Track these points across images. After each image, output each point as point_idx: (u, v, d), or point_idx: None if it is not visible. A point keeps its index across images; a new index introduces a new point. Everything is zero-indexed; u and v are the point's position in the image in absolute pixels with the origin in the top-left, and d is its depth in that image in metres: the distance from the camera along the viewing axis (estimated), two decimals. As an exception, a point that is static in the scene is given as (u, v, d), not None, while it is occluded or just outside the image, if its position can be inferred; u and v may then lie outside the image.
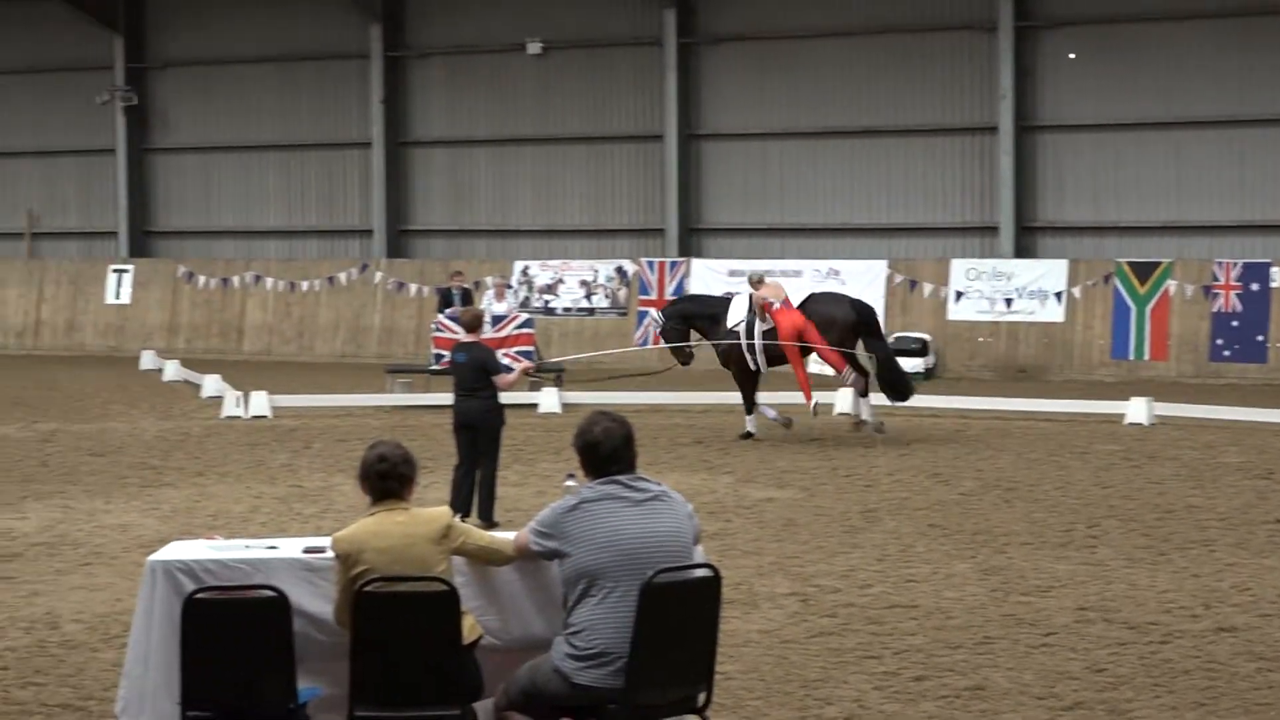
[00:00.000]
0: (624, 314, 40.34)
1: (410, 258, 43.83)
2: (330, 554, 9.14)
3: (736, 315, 26.39)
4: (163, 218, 47.33)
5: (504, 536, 9.38)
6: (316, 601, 9.32)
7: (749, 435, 25.93)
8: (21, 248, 48.62)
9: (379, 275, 42.20)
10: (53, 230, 48.52)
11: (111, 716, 10.30)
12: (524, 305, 39.67)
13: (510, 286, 39.72)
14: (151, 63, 46.87)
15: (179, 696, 9.00)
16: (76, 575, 15.87)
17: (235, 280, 44.31)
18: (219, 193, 46.55)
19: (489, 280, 36.20)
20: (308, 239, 45.38)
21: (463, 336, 18.96)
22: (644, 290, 40.15)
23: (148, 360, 40.02)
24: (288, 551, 9.67)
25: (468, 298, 33.51)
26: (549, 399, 29.87)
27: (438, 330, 30.93)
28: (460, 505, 17.95)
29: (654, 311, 28.29)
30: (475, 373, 18.20)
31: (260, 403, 29.27)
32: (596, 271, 40.89)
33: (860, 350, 25.89)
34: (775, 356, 26.10)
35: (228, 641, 8.90)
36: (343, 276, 42.89)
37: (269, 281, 43.86)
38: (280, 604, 8.88)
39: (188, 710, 8.94)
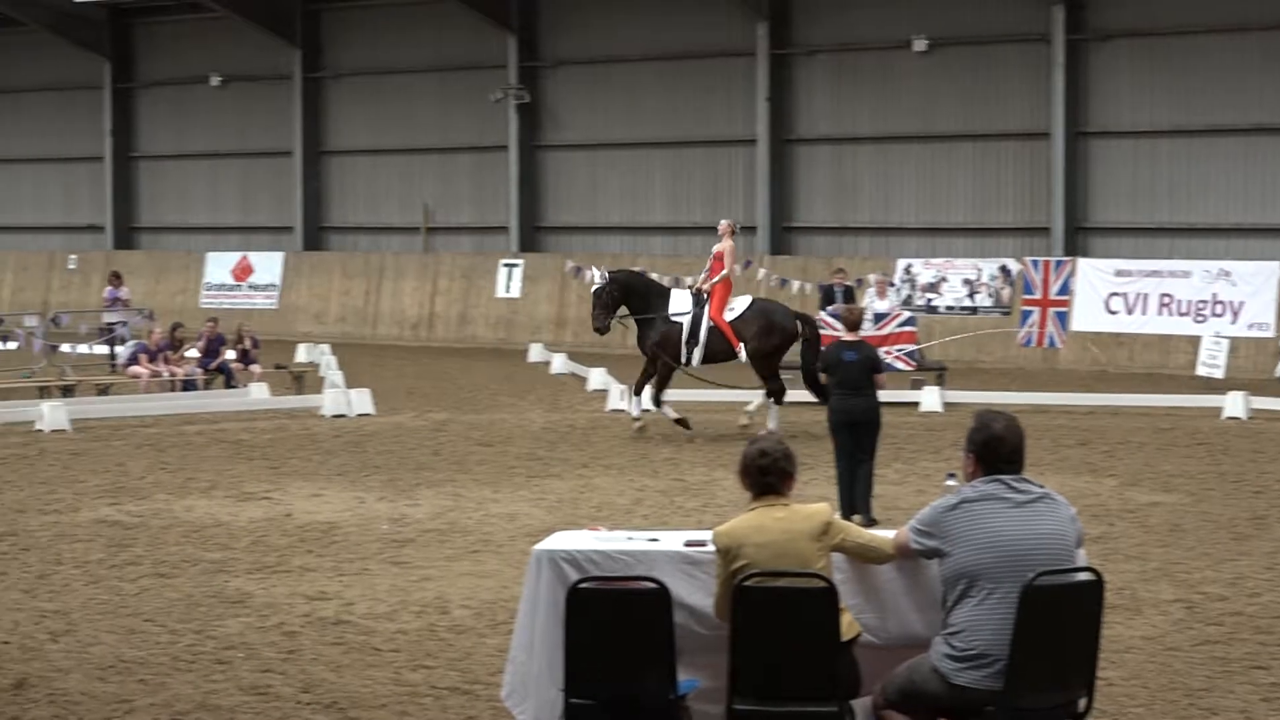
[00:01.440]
0: (1007, 313, 39.88)
1: (793, 254, 43.94)
2: (711, 548, 9.24)
3: (679, 307, 26.51)
4: (552, 213, 48.23)
5: (883, 534, 9.36)
6: (697, 594, 9.42)
7: (640, 418, 26.19)
8: (419, 242, 50.00)
9: (762, 271, 42.29)
10: (448, 225, 49.79)
11: (497, 701, 10.56)
12: (906, 303, 39.48)
13: (892, 284, 39.55)
14: (543, 61, 47.79)
15: (562, 684, 9.18)
16: (465, 562, 16.29)
17: (621, 275, 44.88)
18: (606, 189, 47.26)
19: (871, 277, 36.09)
20: (692, 235, 45.79)
21: (845, 335, 18.98)
22: (1028, 290, 39.65)
23: (536, 353, 40.84)
24: (669, 544, 9.79)
25: (850, 295, 33.48)
26: (930, 398, 29.69)
27: (820, 328, 30.97)
28: (849, 504, 17.98)
29: (595, 271, 27.78)
30: (864, 371, 18.31)
31: (644, 396, 29.60)
32: (980, 270, 40.51)
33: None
34: (712, 354, 26.43)
35: (610, 631, 9.05)
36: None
37: (654, 277, 44.32)
38: (661, 596, 8.99)
39: (571, 698, 9.11)
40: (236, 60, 52.68)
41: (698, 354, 26.34)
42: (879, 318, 30.57)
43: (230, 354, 33.40)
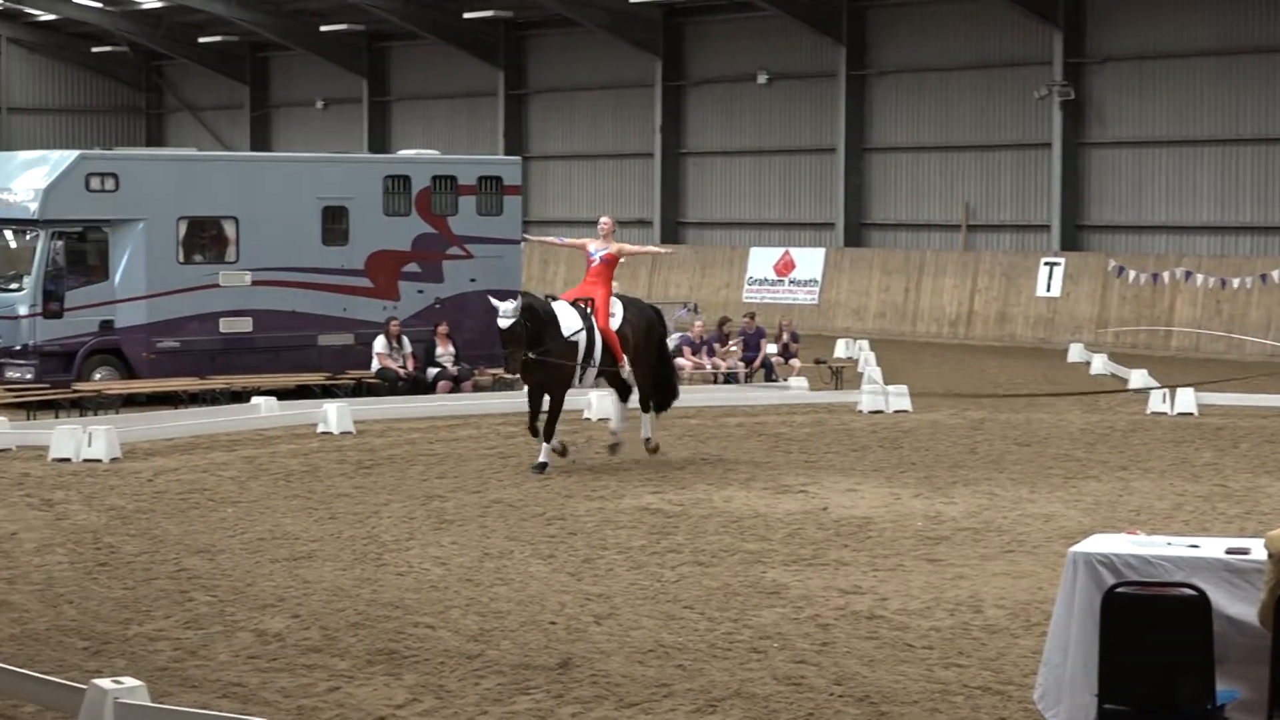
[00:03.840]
0: None
1: (1347, 255, 42.39)
2: (1256, 555, 9.04)
3: (571, 324, 22.96)
4: (1094, 211, 47.49)
5: None
6: (1237, 604, 9.23)
7: (544, 467, 22.32)
8: (959, 239, 49.88)
9: (1288, 274, 41.00)
10: (988, 223, 49.50)
11: (1030, 703, 10.53)
12: None
13: None
14: (1090, 57, 47.08)
15: (1096, 689, 9.11)
16: (999, 561, 16.25)
17: (1165, 275, 43.97)
18: (1151, 187, 46.28)
19: None
20: (1240, 235, 44.54)
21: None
22: None
23: (1076, 353, 40.30)
24: (1209, 551, 9.62)
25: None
26: None
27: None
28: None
29: (510, 303, 22.57)
30: None
31: (1187, 399, 28.98)
32: None
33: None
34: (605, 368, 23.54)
35: (1146, 637, 8.95)
36: (1275, 274, 41.84)
37: (1199, 278, 43.29)
38: (1201, 604, 8.85)
39: (1105, 703, 9.04)
40: (783, 58, 53.37)
41: (590, 374, 23.51)
42: None
43: (771, 348, 33.90)
